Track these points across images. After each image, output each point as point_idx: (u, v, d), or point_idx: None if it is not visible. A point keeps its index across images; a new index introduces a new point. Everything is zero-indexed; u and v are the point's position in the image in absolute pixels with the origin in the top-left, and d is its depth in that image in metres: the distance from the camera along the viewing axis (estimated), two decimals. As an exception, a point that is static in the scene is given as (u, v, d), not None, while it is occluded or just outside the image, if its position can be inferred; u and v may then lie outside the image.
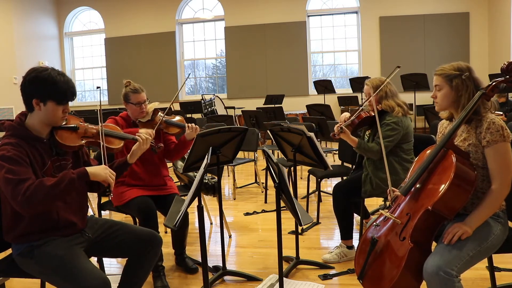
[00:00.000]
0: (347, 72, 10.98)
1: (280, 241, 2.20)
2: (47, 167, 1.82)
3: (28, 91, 1.78)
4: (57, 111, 1.81)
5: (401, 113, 2.81)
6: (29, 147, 1.77)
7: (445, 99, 1.91)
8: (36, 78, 1.76)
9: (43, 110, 1.79)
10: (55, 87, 1.76)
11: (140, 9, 11.05)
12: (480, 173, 1.82)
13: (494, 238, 1.78)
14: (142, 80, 5.57)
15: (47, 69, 1.79)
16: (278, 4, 10.41)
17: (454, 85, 1.87)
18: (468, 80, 1.85)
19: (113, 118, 2.82)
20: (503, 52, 8.92)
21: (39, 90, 1.76)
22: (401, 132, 2.79)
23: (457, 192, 1.72)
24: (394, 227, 1.85)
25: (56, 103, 1.78)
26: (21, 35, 10.06)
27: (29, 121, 1.83)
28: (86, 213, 2.05)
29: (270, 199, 4.59)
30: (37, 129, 1.83)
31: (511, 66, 1.79)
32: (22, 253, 1.81)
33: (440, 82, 1.91)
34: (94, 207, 4.31)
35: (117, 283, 2.02)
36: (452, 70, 1.88)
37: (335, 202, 2.95)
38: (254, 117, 6.09)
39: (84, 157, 2.04)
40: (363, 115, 2.86)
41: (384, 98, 2.84)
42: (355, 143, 2.81)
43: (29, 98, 1.78)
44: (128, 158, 2.11)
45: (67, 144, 1.88)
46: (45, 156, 1.82)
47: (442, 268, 1.63)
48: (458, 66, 1.89)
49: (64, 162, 1.91)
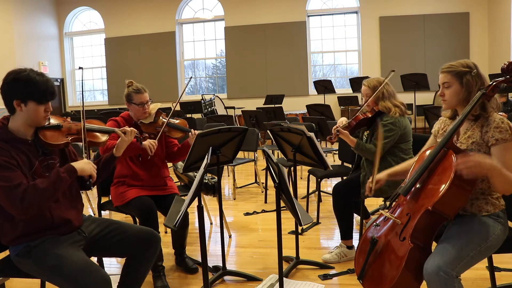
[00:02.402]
0: (347, 72, 10.98)
1: (280, 241, 2.20)
2: (35, 168, 1.82)
3: (8, 93, 1.77)
4: (39, 111, 1.80)
5: (398, 113, 2.82)
6: (14, 150, 1.76)
7: (455, 96, 1.87)
8: (15, 79, 1.76)
9: (25, 111, 1.78)
10: (34, 87, 1.76)
11: (140, 9, 11.05)
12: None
13: (494, 238, 1.77)
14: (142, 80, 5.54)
15: (25, 70, 1.79)
16: (278, 4, 10.41)
17: (464, 82, 1.84)
18: (477, 77, 1.84)
19: (113, 120, 2.79)
20: (503, 52, 8.92)
21: (19, 91, 1.76)
22: (398, 132, 2.79)
23: (457, 192, 1.72)
24: (394, 227, 1.85)
25: (36, 103, 1.78)
26: (21, 35, 10.06)
27: (12, 124, 1.82)
28: (81, 210, 2.04)
29: (270, 199, 4.59)
30: (21, 131, 1.82)
31: (511, 66, 1.78)
32: (20, 254, 1.81)
33: (449, 79, 1.87)
34: (94, 207, 4.32)
35: (117, 283, 2.02)
36: (462, 67, 1.86)
37: (335, 202, 2.95)
38: (254, 117, 6.09)
39: (71, 156, 2.04)
40: (361, 116, 2.87)
41: (381, 99, 2.85)
42: (354, 143, 2.82)
43: (9, 100, 1.77)
44: (114, 151, 2.13)
45: (52, 142, 1.88)
46: (32, 157, 1.82)
47: (443, 268, 1.62)
48: (467, 63, 1.87)
49: (52, 161, 1.91)
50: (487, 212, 1.82)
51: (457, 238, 1.74)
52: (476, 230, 1.76)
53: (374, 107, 2.88)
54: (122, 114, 2.88)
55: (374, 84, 2.85)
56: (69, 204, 1.95)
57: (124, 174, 2.78)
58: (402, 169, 2.14)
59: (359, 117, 2.86)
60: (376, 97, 2.84)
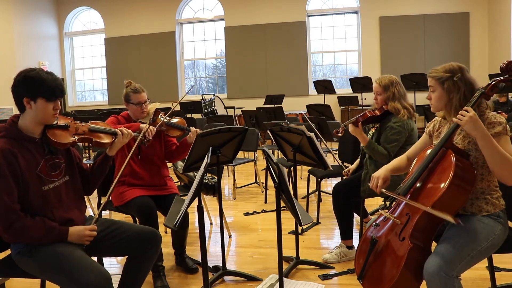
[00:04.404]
0: (347, 72, 10.98)
1: (280, 241, 2.20)
2: (41, 166, 1.85)
3: (18, 91, 1.82)
4: (48, 108, 1.84)
5: (407, 116, 2.81)
6: (20, 149, 1.80)
7: (439, 100, 1.92)
8: (25, 77, 1.81)
9: (34, 108, 1.82)
10: (44, 84, 1.81)
11: (140, 9, 11.04)
12: (480, 172, 1.82)
13: (495, 238, 1.78)
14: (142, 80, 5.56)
15: (35, 69, 1.85)
16: (278, 4, 10.41)
17: (445, 87, 1.87)
18: (460, 82, 1.85)
19: (115, 116, 2.84)
20: (503, 52, 8.91)
21: (29, 88, 1.81)
22: (406, 134, 2.79)
23: (456, 192, 1.72)
24: (394, 227, 1.85)
25: (46, 100, 1.82)
26: (21, 35, 10.06)
27: (21, 122, 1.86)
28: (84, 211, 2.06)
29: (270, 199, 4.59)
30: (29, 129, 1.86)
31: (510, 65, 1.78)
32: (21, 253, 1.82)
33: (433, 84, 1.92)
34: (94, 207, 4.32)
35: (117, 283, 2.02)
36: (443, 72, 1.88)
37: (335, 202, 2.95)
38: (254, 117, 6.09)
39: (76, 159, 2.07)
40: (368, 114, 2.86)
41: (391, 99, 2.83)
42: (366, 141, 2.82)
43: (19, 97, 1.82)
44: (107, 151, 2.14)
45: (60, 141, 1.91)
46: (38, 156, 1.85)
47: (443, 268, 1.63)
48: (450, 67, 1.88)
49: (58, 160, 1.94)
50: (487, 212, 1.82)
51: (458, 238, 1.74)
52: (477, 230, 1.76)
53: (384, 106, 2.87)
54: (123, 114, 2.90)
55: (386, 83, 2.84)
56: (72, 205, 1.96)
57: (123, 174, 2.77)
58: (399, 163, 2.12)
59: (367, 114, 2.86)
60: (386, 97, 2.83)
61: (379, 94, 2.87)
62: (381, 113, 2.86)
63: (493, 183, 1.86)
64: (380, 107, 2.88)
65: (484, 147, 1.71)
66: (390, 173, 2.04)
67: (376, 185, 1.99)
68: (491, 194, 1.84)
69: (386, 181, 2.00)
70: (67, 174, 1.97)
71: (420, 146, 2.10)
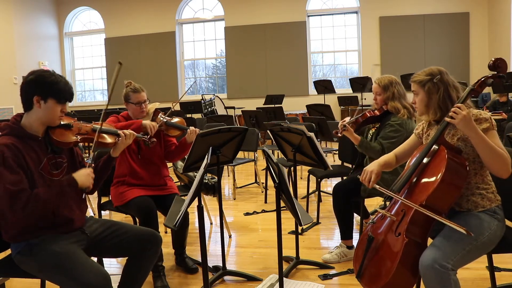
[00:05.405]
0: (347, 72, 10.98)
1: (280, 241, 2.20)
2: (43, 165, 1.86)
3: (30, 89, 1.84)
4: (56, 110, 1.87)
5: (406, 115, 2.81)
6: (24, 146, 1.81)
7: (422, 103, 1.98)
8: (39, 76, 1.85)
9: (43, 108, 1.85)
10: (57, 86, 1.85)
11: (140, 9, 11.05)
12: (472, 167, 1.85)
13: (491, 233, 1.79)
14: (142, 80, 5.56)
15: (48, 70, 1.89)
16: (278, 4, 10.41)
17: (426, 89, 1.94)
18: (440, 83, 1.92)
19: (115, 116, 2.84)
20: (503, 52, 8.90)
21: (41, 88, 1.84)
22: (404, 134, 2.79)
23: (449, 187, 1.75)
24: (390, 224, 1.86)
25: (56, 101, 1.86)
26: (21, 35, 10.06)
27: (25, 120, 1.88)
28: (85, 211, 2.06)
29: (270, 199, 4.59)
30: (33, 128, 1.88)
31: (497, 62, 1.83)
32: (21, 252, 1.82)
33: (416, 88, 1.99)
34: (94, 207, 4.32)
35: (117, 283, 2.02)
36: (424, 76, 1.95)
37: (335, 202, 2.95)
38: (254, 117, 6.09)
39: (78, 158, 2.08)
40: (368, 114, 2.86)
41: (391, 99, 2.83)
42: (358, 141, 2.82)
43: (30, 95, 1.84)
44: (111, 152, 2.16)
45: (63, 140, 1.93)
46: (41, 154, 1.87)
47: (438, 261, 1.64)
48: (430, 71, 1.96)
49: (60, 159, 1.95)
50: (483, 208, 1.84)
51: (453, 232, 1.74)
52: (472, 225, 1.77)
53: (383, 106, 2.87)
54: (122, 114, 2.91)
55: (385, 83, 2.85)
56: (73, 204, 1.97)
57: (123, 173, 2.78)
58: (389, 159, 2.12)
59: (366, 114, 2.86)
60: (386, 96, 2.84)
61: (378, 94, 2.87)
62: (381, 113, 2.87)
63: (487, 177, 1.89)
64: (379, 107, 2.88)
65: (478, 144, 1.75)
66: (382, 169, 2.05)
67: (368, 180, 1.99)
68: (486, 189, 1.86)
69: (378, 176, 2.01)
70: (69, 174, 1.97)
71: (408, 146, 2.14)
